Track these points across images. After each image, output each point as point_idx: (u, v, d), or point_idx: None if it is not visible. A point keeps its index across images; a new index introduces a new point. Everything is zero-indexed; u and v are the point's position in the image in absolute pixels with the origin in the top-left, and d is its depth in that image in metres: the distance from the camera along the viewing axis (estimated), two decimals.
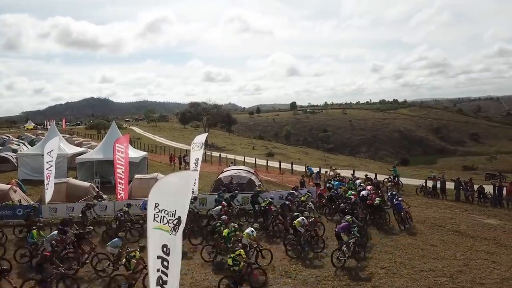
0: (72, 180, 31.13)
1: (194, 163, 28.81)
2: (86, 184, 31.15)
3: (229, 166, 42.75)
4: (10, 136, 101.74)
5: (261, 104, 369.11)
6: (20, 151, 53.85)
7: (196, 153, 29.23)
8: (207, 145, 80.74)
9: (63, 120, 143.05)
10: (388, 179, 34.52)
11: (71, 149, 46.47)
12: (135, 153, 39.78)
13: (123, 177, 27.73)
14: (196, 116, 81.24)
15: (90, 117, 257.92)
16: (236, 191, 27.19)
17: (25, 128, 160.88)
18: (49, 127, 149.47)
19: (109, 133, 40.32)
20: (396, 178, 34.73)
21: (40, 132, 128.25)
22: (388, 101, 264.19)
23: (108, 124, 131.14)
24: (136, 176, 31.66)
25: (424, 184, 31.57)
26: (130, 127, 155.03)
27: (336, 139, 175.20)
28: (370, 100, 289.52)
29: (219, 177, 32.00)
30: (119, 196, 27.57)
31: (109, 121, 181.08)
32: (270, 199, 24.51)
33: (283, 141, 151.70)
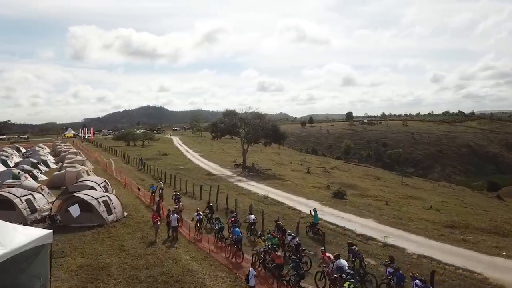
0: None
1: None
2: None
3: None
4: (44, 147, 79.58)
5: (314, 114, 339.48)
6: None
7: None
8: (245, 169, 54.05)
9: (91, 129, 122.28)
10: None
11: None
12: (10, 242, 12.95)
13: None
14: (231, 128, 55.32)
15: (145, 124, 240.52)
16: None
17: (65, 136, 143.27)
18: (83, 135, 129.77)
19: None
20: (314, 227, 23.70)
21: None
22: (453, 112, 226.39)
23: (138, 134, 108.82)
24: None
25: None
26: (172, 136, 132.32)
27: (397, 154, 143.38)
28: (432, 111, 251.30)
29: None
30: None
31: (151, 130, 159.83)
32: None
33: (340, 155, 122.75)
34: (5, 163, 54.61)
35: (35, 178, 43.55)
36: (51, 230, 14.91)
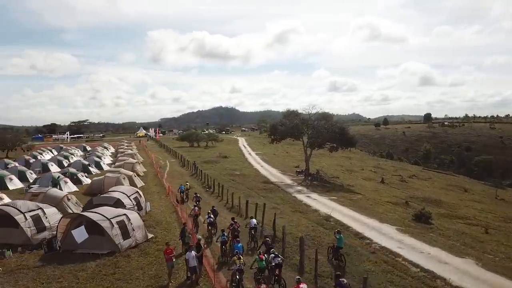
0: None
1: None
2: None
3: None
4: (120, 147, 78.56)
5: (389, 115, 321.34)
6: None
7: None
8: (308, 177, 47.27)
9: (157, 130, 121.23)
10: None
11: None
12: None
13: None
14: (291, 130, 48.44)
15: (217, 125, 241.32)
16: None
17: (137, 135, 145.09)
18: (151, 135, 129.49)
19: None
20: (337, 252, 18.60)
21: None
22: None
23: (202, 135, 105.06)
24: None
25: None
26: (238, 137, 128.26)
27: (487, 161, 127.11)
28: None
29: None
30: None
31: (220, 130, 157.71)
32: None
33: (417, 160, 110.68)
34: (60, 164, 52.65)
35: (79, 182, 40.22)
36: None
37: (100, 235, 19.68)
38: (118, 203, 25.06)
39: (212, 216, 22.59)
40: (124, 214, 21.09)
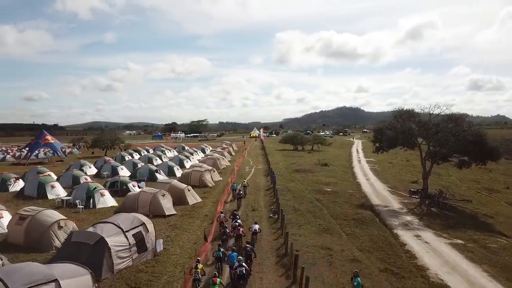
0: None
1: None
2: None
3: None
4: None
5: None
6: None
7: None
8: (425, 200, 34.35)
9: (262, 130, 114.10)
10: None
11: None
12: None
13: None
14: (402, 135, 35.15)
15: (339, 125, 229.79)
16: None
17: (250, 135, 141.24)
18: (261, 135, 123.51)
19: None
20: None
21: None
22: None
23: (307, 138, 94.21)
24: None
25: None
26: (355, 139, 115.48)
27: None
28: None
29: None
30: None
31: (337, 131, 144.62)
32: None
33: None
34: (134, 167, 47.67)
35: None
36: None
37: None
38: (99, 244, 16.74)
39: (239, 221, 21.86)
40: (55, 281, 12.35)
